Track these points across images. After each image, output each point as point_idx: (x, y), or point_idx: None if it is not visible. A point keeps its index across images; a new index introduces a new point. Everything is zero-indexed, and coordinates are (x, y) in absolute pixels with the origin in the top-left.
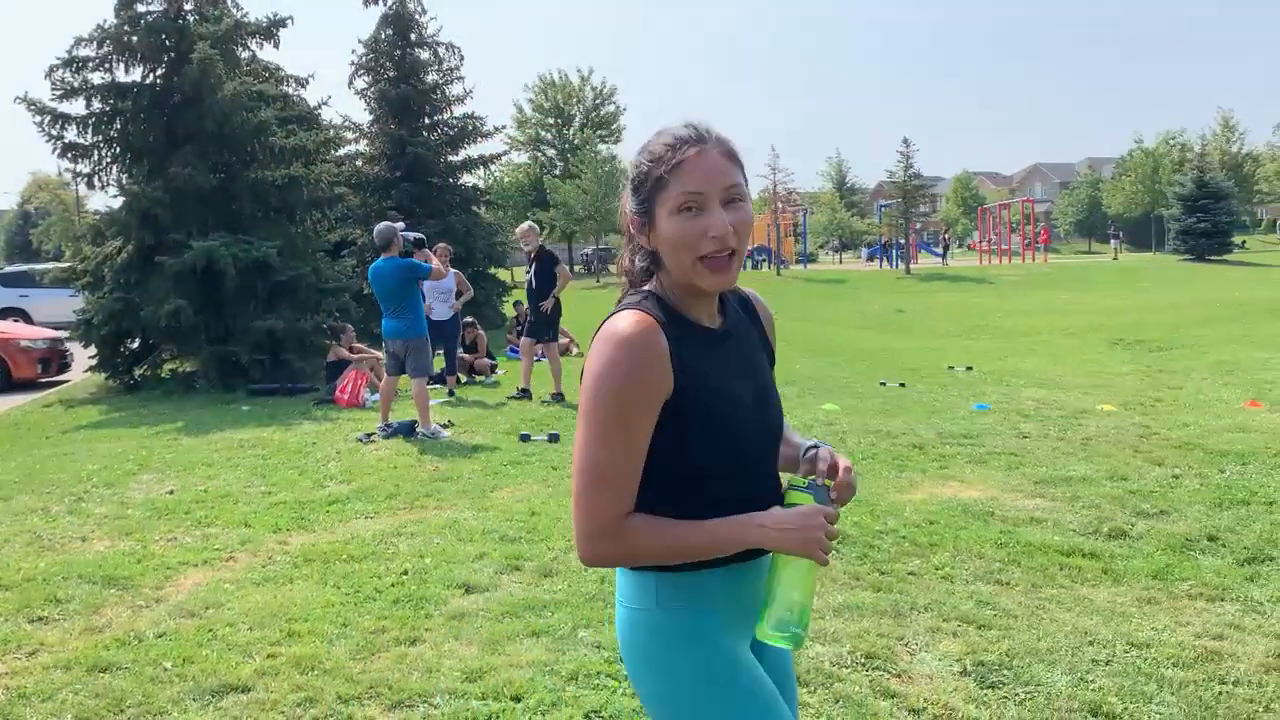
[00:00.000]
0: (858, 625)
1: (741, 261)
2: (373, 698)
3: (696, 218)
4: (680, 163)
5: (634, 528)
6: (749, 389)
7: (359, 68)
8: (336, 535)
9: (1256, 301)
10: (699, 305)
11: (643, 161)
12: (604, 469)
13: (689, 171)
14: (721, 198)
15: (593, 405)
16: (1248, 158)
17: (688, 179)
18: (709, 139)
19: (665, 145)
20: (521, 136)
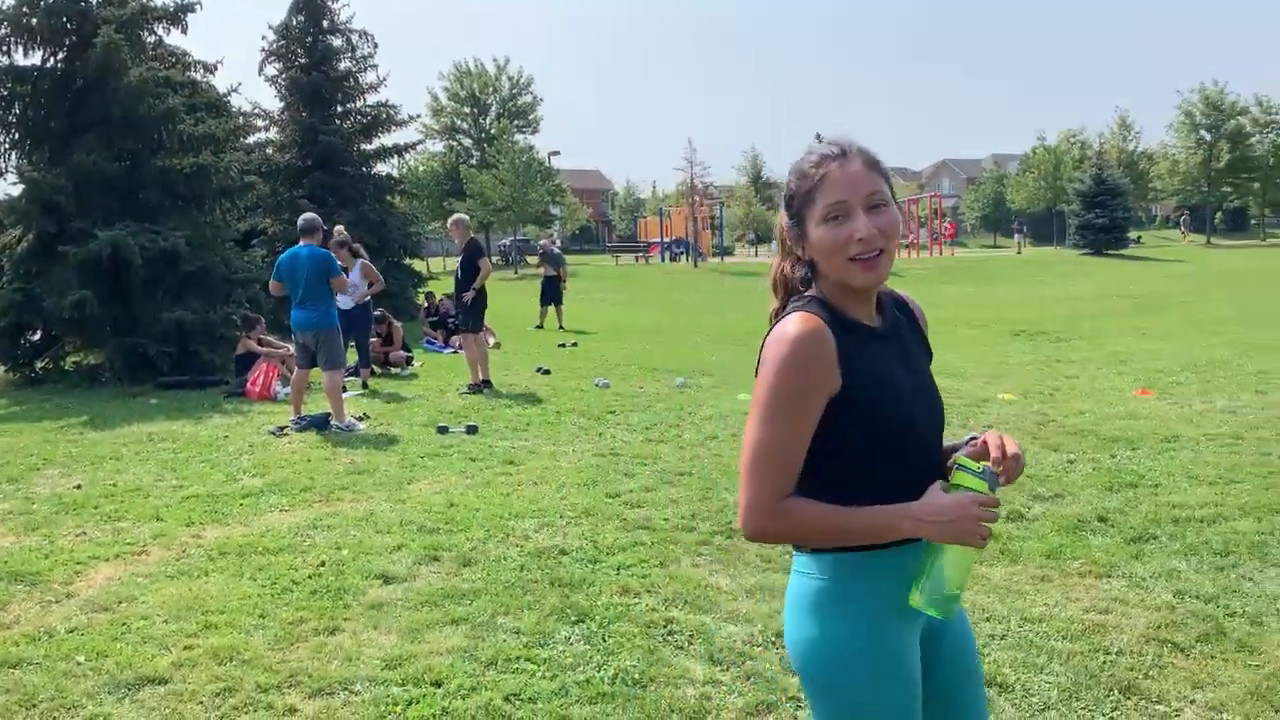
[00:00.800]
0: (769, 605)
1: (891, 260)
2: (293, 686)
3: (843, 224)
4: (824, 176)
5: (792, 508)
6: (911, 384)
7: (269, 54)
8: (251, 528)
9: (1150, 295)
10: (858, 305)
11: (792, 180)
12: (768, 452)
13: (832, 183)
14: (864, 204)
15: (764, 395)
16: (1143, 156)
17: (831, 190)
18: (850, 151)
19: (811, 163)
20: (436, 125)
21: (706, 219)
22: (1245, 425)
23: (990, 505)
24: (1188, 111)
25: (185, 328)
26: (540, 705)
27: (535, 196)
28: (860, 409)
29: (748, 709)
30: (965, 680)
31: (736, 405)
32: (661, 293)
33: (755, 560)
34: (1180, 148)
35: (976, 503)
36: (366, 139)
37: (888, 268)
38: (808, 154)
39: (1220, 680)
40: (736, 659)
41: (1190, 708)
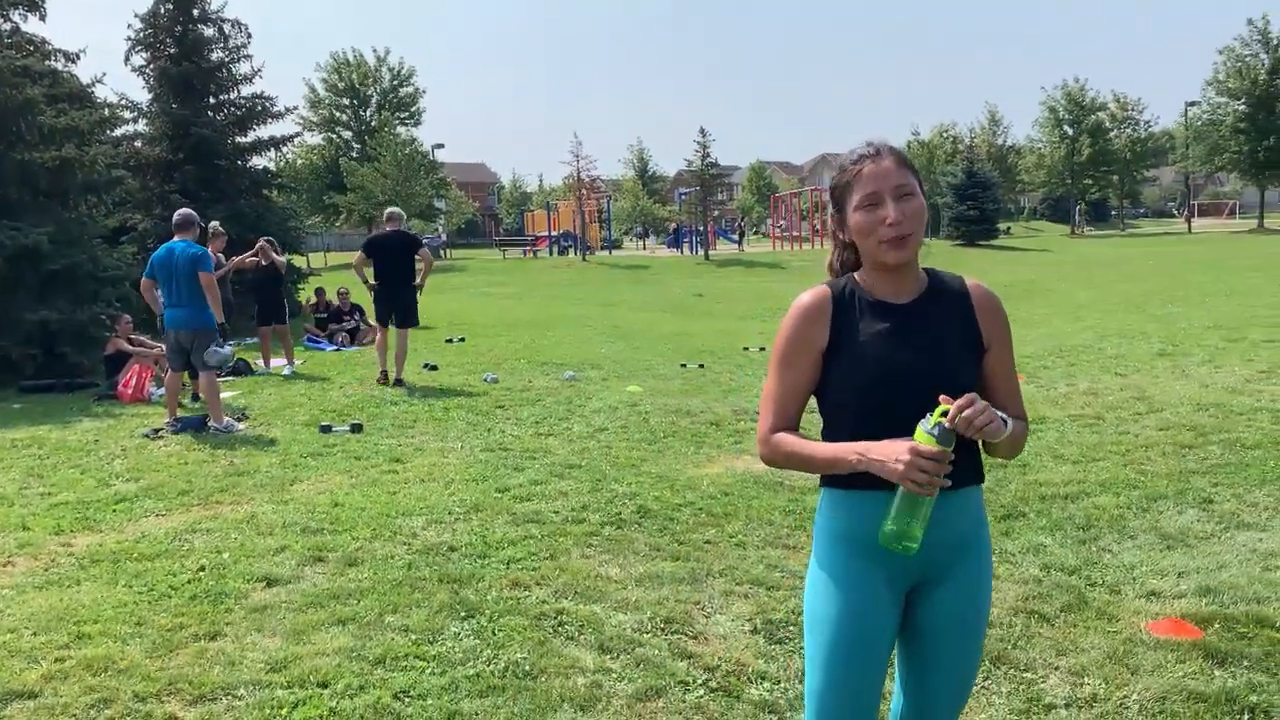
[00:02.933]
0: (658, 593)
1: (918, 242)
2: (172, 694)
3: (875, 210)
4: (860, 171)
5: (779, 438)
6: (906, 357)
7: (136, 43)
8: (126, 535)
9: (1018, 283)
10: (885, 283)
11: (835, 175)
12: (768, 393)
13: (866, 177)
14: (893, 195)
15: (773, 350)
16: (1011, 150)
17: (866, 183)
18: (883, 151)
19: (850, 160)
20: (315, 118)
21: (594, 212)
22: (1106, 406)
23: (927, 455)
24: (1052, 107)
25: (50, 329)
26: (430, 701)
27: (419, 190)
28: (842, 365)
29: (638, 695)
30: (950, 630)
31: (625, 397)
32: (550, 287)
33: (644, 549)
34: (1045, 142)
35: (913, 451)
36: (241, 132)
37: (914, 249)
38: (849, 153)
39: (1082, 647)
40: (626, 646)
41: (1055, 674)
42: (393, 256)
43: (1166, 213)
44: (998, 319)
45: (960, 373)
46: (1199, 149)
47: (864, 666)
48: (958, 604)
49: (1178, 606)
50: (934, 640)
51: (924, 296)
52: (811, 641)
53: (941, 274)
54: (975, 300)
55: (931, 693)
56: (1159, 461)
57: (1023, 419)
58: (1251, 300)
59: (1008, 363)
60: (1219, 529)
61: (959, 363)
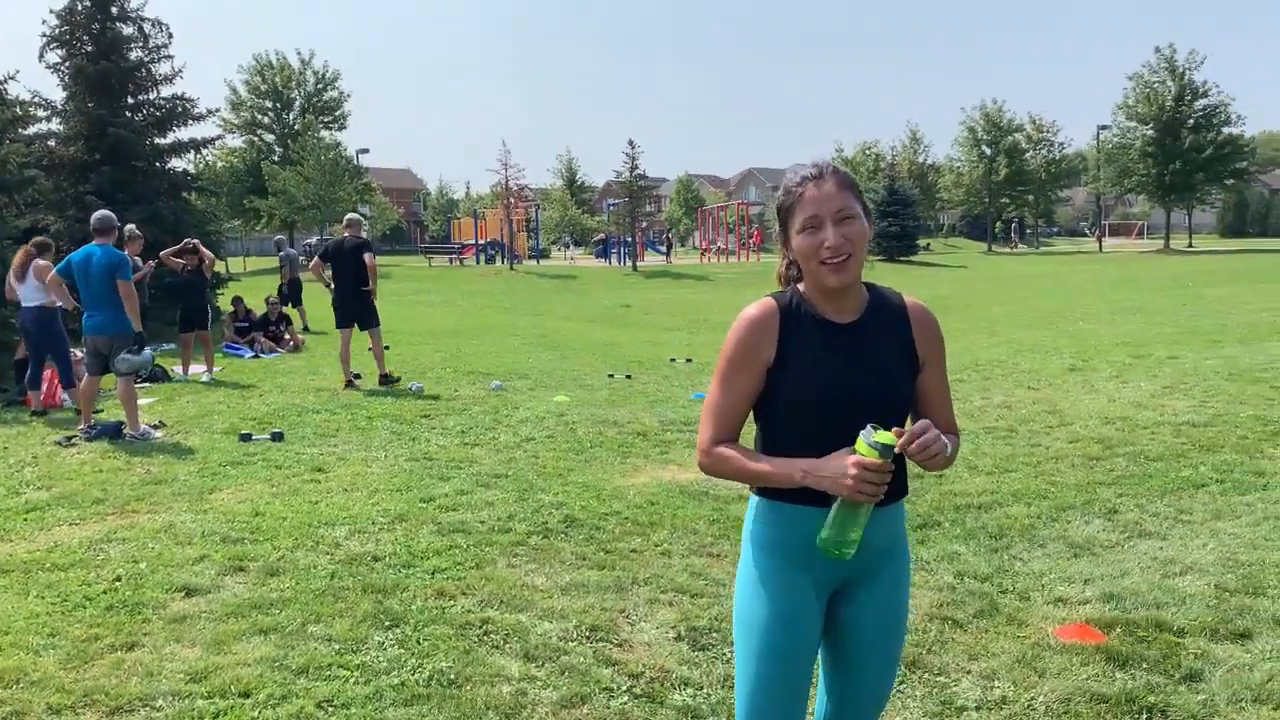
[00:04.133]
0: (583, 601)
1: (859, 264)
2: (88, 705)
3: (815, 234)
4: (803, 194)
5: (721, 451)
6: (847, 376)
7: (51, 40)
8: (37, 544)
9: (936, 298)
10: (827, 301)
11: (779, 194)
12: (711, 404)
13: (808, 200)
14: (834, 219)
15: (718, 363)
16: (931, 168)
17: (807, 206)
18: (825, 173)
19: (794, 182)
20: (236, 120)
21: (522, 221)
22: (1019, 419)
23: (868, 468)
24: (971, 127)
25: None
26: (354, 710)
27: (343, 195)
28: (787, 381)
29: (562, 701)
30: (873, 631)
31: (553, 407)
32: (477, 295)
33: (570, 558)
34: (964, 161)
35: (856, 464)
36: (160, 133)
37: (855, 271)
38: (793, 173)
39: (993, 651)
40: (552, 654)
41: (967, 678)
42: (348, 261)
43: (1079, 232)
44: (933, 337)
45: (901, 390)
46: (1109, 171)
47: (795, 668)
48: (881, 606)
49: (1083, 612)
50: (858, 641)
51: (865, 315)
52: (742, 644)
53: (882, 290)
54: (913, 319)
55: (854, 693)
56: (1068, 473)
57: (955, 433)
58: (1157, 318)
59: (942, 379)
60: (1123, 538)
61: (899, 380)
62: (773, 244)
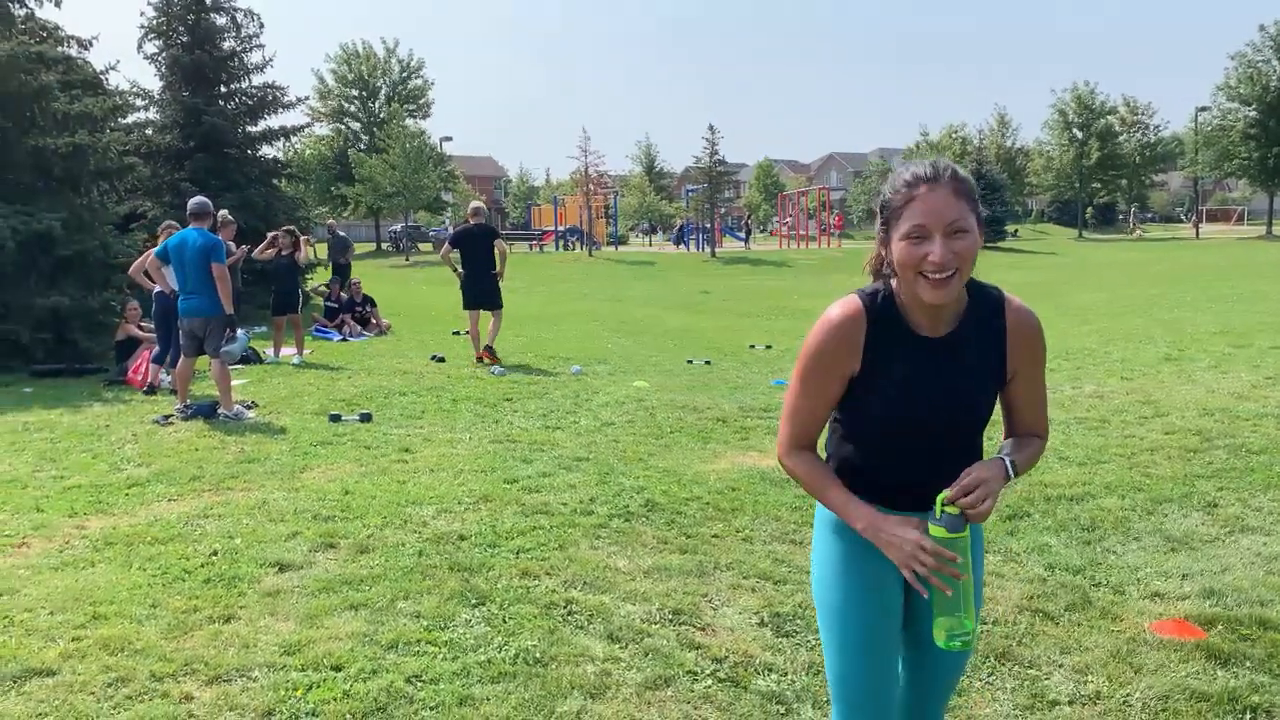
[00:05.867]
0: (666, 585)
1: (963, 281)
2: (188, 674)
3: (920, 244)
4: (912, 198)
5: (799, 458)
6: (933, 394)
7: (148, 31)
8: (138, 518)
9: (1024, 285)
10: (923, 312)
11: (886, 190)
12: (791, 407)
13: (918, 207)
14: (944, 231)
15: (799, 361)
16: (1019, 152)
17: (916, 213)
18: (942, 177)
19: (905, 181)
20: (324, 109)
21: (601, 208)
22: (1111, 409)
23: (930, 551)
24: (1061, 110)
25: (61, 314)
26: (443, 686)
27: (427, 182)
28: (871, 395)
29: (646, 683)
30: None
31: (632, 392)
32: (556, 281)
33: (652, 542)
34: (1054, 145)
35: (917, 544)
36: (252, 121)
37: (957, 289)
38: (903, 169)
39: (1086, 645)
40: (635, 636)
41: (1059, 671)
42: (477, 246)
43: (1174, 218)
44: (1030, 348)
45: (979, 407)
46: (1208, 154)
47: (878, 649)
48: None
49: (1181, 608)
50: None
51: (960, 328)
52: (826, 631)
53: (983, 291)
54: (1010, 329)
55: (930, 669)
56: (1164, 465)
57: (1042, 435)
58: (1259, 306)
59: (1033, 390)
60: (1223, 532)
61: (981, 400)
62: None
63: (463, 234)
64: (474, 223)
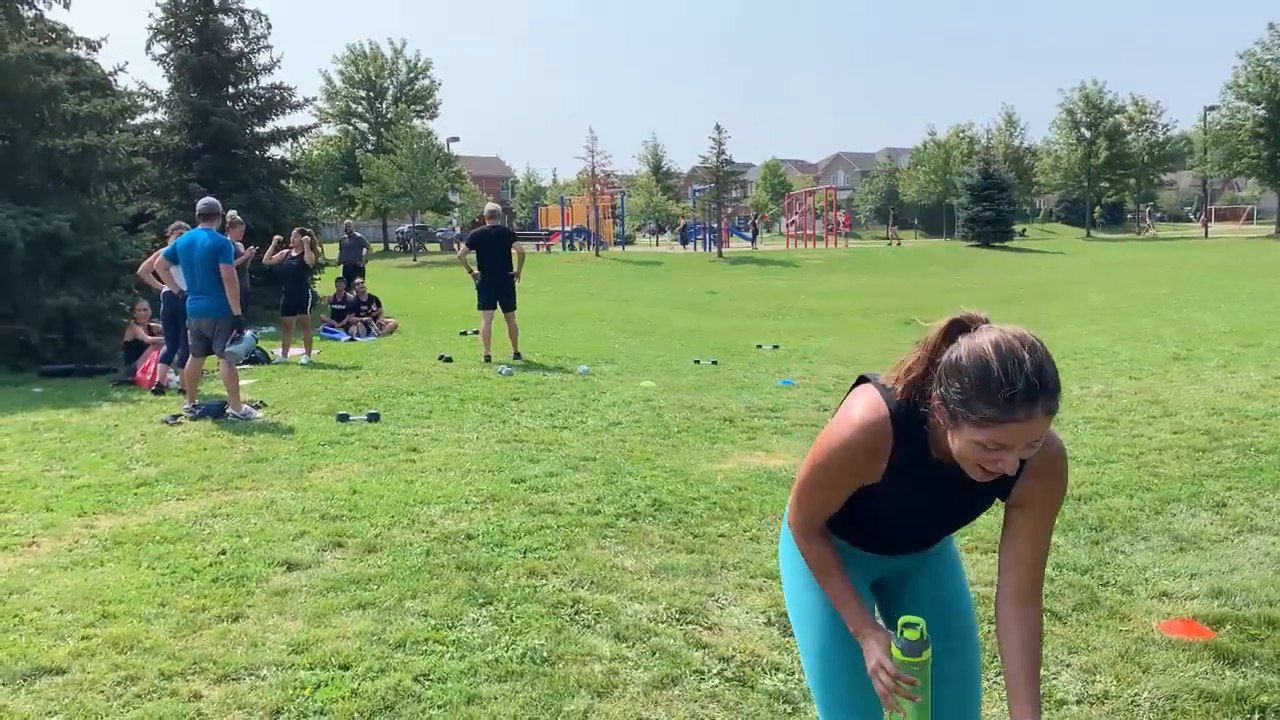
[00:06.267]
0: (673, 584)
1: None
2: (197, 673)
3: (993, 453)
4: (1004, 419)
5: (814, 544)
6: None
7: (157, 32)
8: (147, 517)
9: (1032, 285)
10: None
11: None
12: (806, 494)
13: (1008, 430)
14: (1023, 447)
15: (817, 457)
16: (1027, 151)
17: (1003, 434)
18: (1038, 400)
19: (1002, 394)
20: (331, 109)
21: (608, 208)
22: (1119, 409)
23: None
24: (1069, 109)
25: (70, 314)
26: (450, 684)
27: (434, 183)
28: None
29: (654, 682)
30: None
31: (639, 392)
32: (563, 281)
33: (659, 541)
34: (1062, 144)
35: (879, 663)
36: (260, 122)
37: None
38: (1003, 372)
39: (1094, 645)
40: (642, 635)
41: (1067, 671)
42: (494, 248)
43: (1183, 217)
44: (1045, 487)
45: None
46: (1217, 153)
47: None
48: (932, 583)
49: (1190, 607)
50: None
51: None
52: (802, 635)
53: None
54: (1031, 466)
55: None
56: (1172, 464)
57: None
58: (1268, 306)
59: (1039, 531)
60: (1232, 532)
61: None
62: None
63: (480, 236)
64: (490, 224)
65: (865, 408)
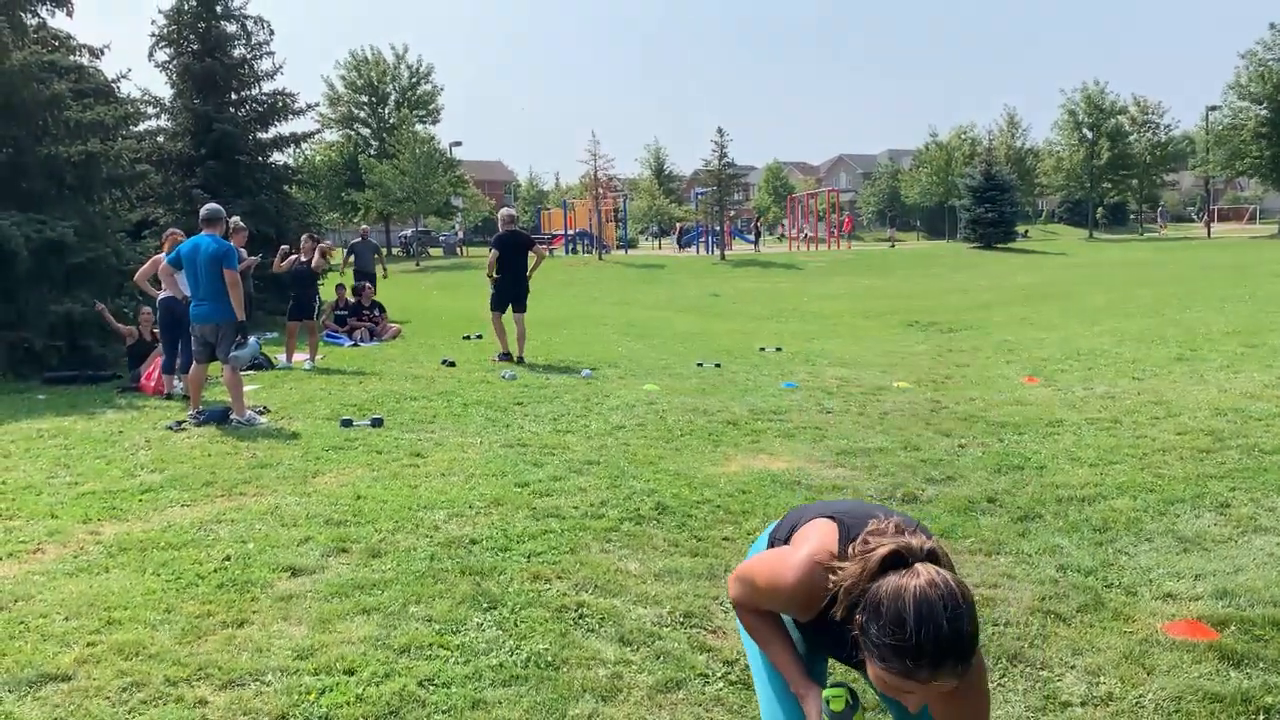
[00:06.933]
0: (676, 588)
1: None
2: (202, 678)
3: (903, 695)
4: (909, 674)
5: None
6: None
7: (160, 39)
8: (152, 524)
9: (1035, 286)
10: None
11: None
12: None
13: (912, 683)
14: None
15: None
16: (1029, 152)
17: (908, 685)
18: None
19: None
20: (334, 115)
21: (610, 211)
22: (1123, 410)
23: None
24: (1071, 110)
25: (74, 321)
26: (455, 689)
27: (437, 187)
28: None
29: (658, 686)
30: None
31: (642, 395)
32: (566, 285)
33: (663, 545)
34: (1064, 145)
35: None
36: (262, 128)
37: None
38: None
39: (1098, 646)
40: (646, 639)
41: (1071, 673)
42: (517, 252)
43: (1186, 217)
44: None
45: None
46: (1219, 153)
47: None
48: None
49: (1194, 608)
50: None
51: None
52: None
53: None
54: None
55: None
56: (1176, 465)
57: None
58: (1271, 306)
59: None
60: (1236, 533)
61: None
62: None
63: (507, 240)
64: (510, 229)
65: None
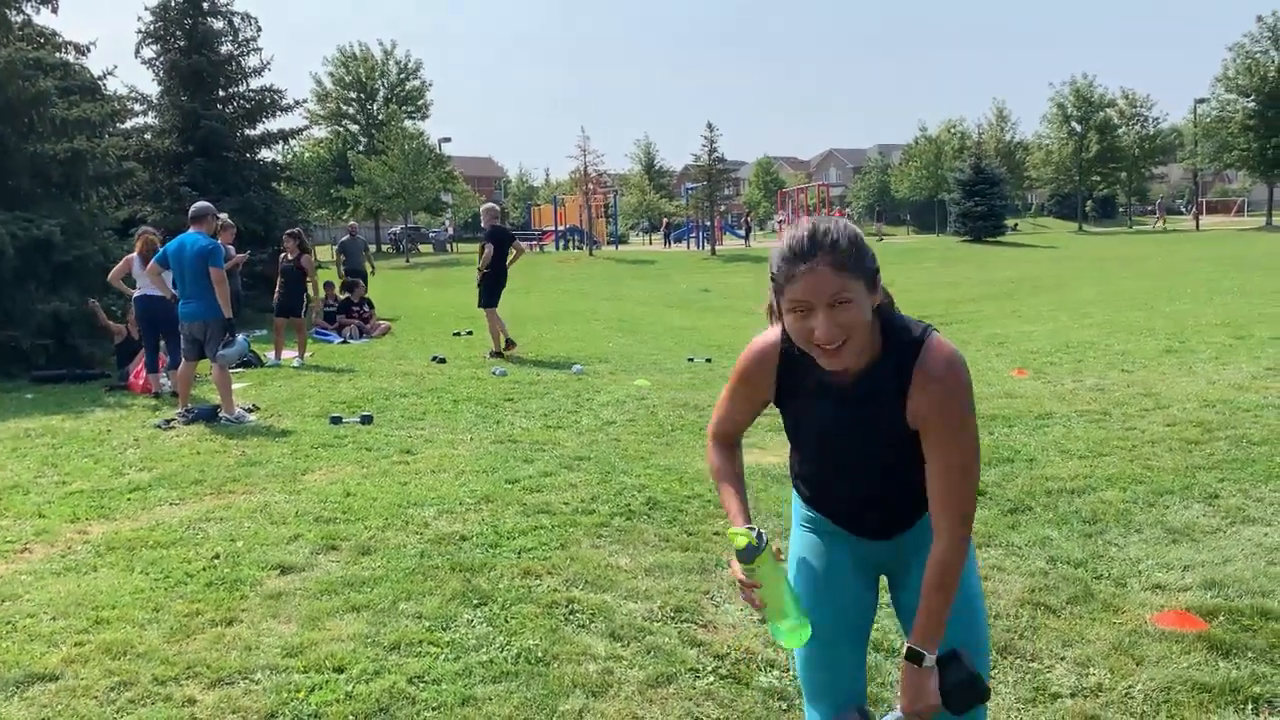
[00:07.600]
0: (667, 583)
1: (858, 346)
2: (191, 677)
3: (805, 318)
4: (793, 275)
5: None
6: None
7: (146, 36)
8: (140, 523)
9: (1024, 279)
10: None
11: (772, 262)
12: (719, 400)
13: (798, 285)
14: (827, 303)
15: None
16: (1019, 146)
17: (796, 290)
18: (821, 253)
19: (785, 257)
20: (322, 111)
21: (601, 207)
22: (1112, 402)
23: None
24: (1060, 103)
25: (62, 319)
26: (445, 686)
27: (426, 183)
28: (790, 422)
29: (649, 681)
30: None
31: (634, 391)
32: (556, 281)
33: (653, 540)
34: (1053, 138)
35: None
36: (250, 124)
37: (852, 354)
38: (786, 245)
39: (1088, 638)
40: (637, 634)
41: (1061, 664)
42: (506, 245)
43: (1174, 210)
44: (933, 398)
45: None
46: (1207, 146)
47: (832, 641)
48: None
49: (1183, 599)
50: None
51: (865, 378)
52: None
53: (902, 334)
54: (915, 379)
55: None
56: (1165, 457)
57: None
58: (1258, 298)
59: (944, 453)
60: (1225, 523)
61: (889, 450)
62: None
63: (502, 234)
64: (496, 224)
65: (767, 332)
